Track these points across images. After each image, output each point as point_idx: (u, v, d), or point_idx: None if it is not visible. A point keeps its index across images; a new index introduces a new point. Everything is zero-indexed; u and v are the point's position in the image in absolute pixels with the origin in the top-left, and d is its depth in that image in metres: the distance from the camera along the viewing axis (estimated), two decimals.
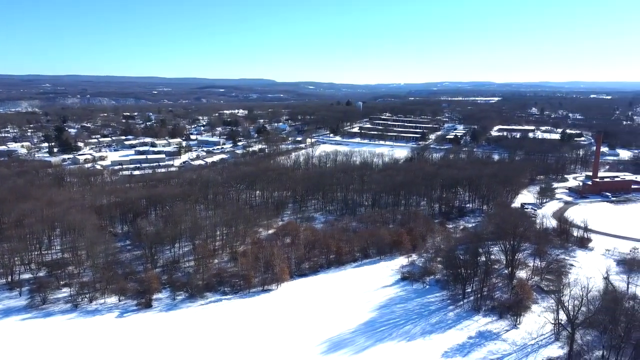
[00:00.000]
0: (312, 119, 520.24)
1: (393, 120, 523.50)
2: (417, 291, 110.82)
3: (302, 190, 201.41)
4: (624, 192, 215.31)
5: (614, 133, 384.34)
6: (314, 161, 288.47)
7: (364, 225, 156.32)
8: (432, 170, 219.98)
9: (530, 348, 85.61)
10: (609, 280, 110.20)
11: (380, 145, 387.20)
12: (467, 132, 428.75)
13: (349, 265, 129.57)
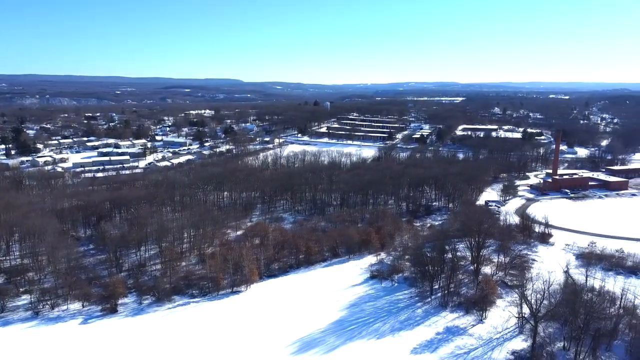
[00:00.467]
0: (280, 119, 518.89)
1: (360, 120, 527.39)
2: (386, 289, 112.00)
3: (271, 191, 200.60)
4: (581, 189, 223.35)
5: (572, 132, 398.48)
6: (282, 161, 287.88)
7: (332, 224, 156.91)
8: (399, 170, 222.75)
9: (496, 342, 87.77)
10: (568, 274, 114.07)
11: (348, 144, 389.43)
12: (432, 131, 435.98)
13: (318, 265, 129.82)
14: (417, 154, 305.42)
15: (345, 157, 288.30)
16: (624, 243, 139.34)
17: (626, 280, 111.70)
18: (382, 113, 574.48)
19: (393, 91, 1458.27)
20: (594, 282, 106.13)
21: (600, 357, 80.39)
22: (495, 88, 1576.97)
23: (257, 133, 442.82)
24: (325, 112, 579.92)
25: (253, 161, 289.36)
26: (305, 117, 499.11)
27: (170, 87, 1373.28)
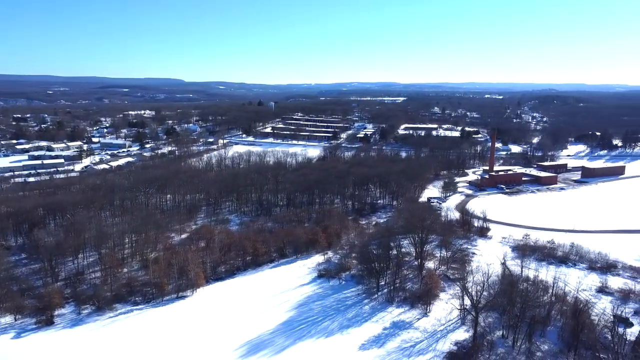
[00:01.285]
0: (224, 119, 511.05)
1: (305, 120, 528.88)
2: (333, 287, 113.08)
3: (216, 193, 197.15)
4: (515, 184, 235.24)
5: (506, 130, 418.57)
6: (227, 162, 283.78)
7: (279, 225, 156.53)
8: (344, 169, 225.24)
9: (440, 334, 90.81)
10: (505, 266, 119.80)
11: (293, 144, 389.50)
12: (376, 130, 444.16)
13: (266, 266, 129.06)
14: (362, 153, 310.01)
15: (291, 157, 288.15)
16: (555, 234, 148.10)
17: (557, 269, 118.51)
18: (327, 113, 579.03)
19: (337, 91, 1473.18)
20: (529, 272, 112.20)
21: (535, 342, 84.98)
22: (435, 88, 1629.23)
23: (201, 134, 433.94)
24: (270, 112, 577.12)
25: (197, 162, 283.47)
26: (250, 118, 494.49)
27: (107, 87, 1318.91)
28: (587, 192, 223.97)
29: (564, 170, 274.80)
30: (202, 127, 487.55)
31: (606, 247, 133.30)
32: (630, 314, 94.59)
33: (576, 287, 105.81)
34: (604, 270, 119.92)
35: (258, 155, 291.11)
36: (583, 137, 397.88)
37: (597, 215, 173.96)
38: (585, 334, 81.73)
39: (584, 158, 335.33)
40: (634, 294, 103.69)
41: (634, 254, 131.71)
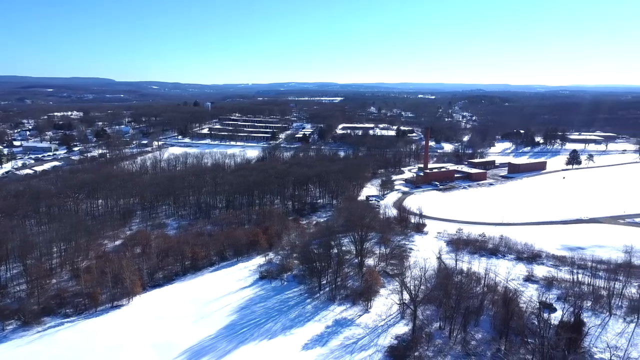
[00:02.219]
0: (158, 120, 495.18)
1: (243, 120, 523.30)
2: (275, 289, 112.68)
3: (151, 196, 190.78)
4: (448, 181, 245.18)
5: (438, 129, 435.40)
6: (162, 165, 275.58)
7: (219, 227, 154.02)
8: (283, 169, 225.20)
9: (381, 329, 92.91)
10: (441, 260, 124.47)
11: (231, 146, 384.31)
12: (314, 130, 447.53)
13: (206, 270, 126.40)
14: (301, 153, 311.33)
15: (229, 158, 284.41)
16: (485, 228, 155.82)
17: (488, 261, 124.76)
18: (265, 113, 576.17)
19: (274, 91, 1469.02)
20: (463, 265, 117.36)
21: (470, 332, 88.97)
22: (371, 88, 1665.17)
23: (134, 136, 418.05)
24: (207, 113, 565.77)
25: (130, 166, 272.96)
26: (186, 118, 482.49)
27: (30, 87, 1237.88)
28: (513, 187, 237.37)
29: (492, 167, 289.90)
30: (135, 128, 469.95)
31: (532, 238, 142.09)
32: (553, 299, 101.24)
33: (506, 277, 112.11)
34: (530, 260, 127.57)
35: (195, 156, 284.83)
36: (508, 134, 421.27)
37: (523, 209, 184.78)
38: (515, 320, 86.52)
39: (510, 155, 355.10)
40: (557, 281, 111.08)
41: (555, 243, 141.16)
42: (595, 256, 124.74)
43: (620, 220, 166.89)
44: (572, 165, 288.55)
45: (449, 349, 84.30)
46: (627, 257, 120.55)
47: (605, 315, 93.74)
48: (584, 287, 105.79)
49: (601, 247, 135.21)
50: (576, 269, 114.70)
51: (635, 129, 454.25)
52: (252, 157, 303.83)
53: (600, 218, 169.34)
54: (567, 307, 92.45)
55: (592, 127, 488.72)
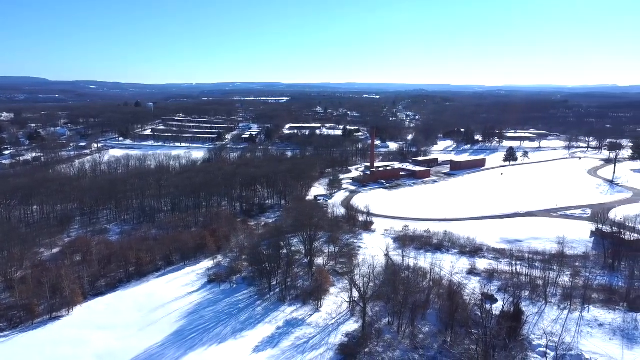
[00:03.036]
0: (97, 121, 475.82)
1: (188, 121, 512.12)
2: (225, 292, 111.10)
3: (91, 201, 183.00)
4: (394, 179, 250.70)
5: (384, 128, 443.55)
6: (103, 168, 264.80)
7: (164, 231, 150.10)
8: (231, 170, 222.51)
9: (332, 327, 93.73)
10: (389, 257, 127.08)
11: (176, 147, 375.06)
12: (261, 130, 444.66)
13: (151, 275, 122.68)
14: (248, 154, 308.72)
15: (174, 160, 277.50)
16: (430, 224, 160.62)
17: (433, 256, 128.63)
18: (210, 113, 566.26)
19: (219, 91, 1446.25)
20: (409, 261, 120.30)
21: (417, 326, 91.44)
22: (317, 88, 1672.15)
23: (71, 138, 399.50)
24: (149, 114, 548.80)
25: (68, 169, 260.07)
26: (127, 119, 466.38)
27: None
28: (455, 184, 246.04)
29: (435, 165, 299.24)
30: (71, 130, 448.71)
31: (473, 232, 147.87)
32: (494, 291, 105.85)
33: (450, 271, 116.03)
34: (473, 253, 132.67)
35: (138, 159, 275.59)
36: (450, 133, 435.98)
37: (465, 204, 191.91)
38: (460, 313, 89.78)
39: (451, 152, 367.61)
40: (497, 273, 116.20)
41: (495, 237, 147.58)
42: (531, 248, 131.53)
43: (553, 213, 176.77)
44: (509, 162, 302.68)
45: (397, 344, 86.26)
46: (560, 248, 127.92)
47: (542, 304, 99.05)
48: (522, 278, 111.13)
49: (537, 239, 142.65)
50: (515, 261, 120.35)
51: (565, 127, 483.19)
52: (198, 159, 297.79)
53: (536, 211, 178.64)
54: (507, 297, 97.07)
55: (527, 125, 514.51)
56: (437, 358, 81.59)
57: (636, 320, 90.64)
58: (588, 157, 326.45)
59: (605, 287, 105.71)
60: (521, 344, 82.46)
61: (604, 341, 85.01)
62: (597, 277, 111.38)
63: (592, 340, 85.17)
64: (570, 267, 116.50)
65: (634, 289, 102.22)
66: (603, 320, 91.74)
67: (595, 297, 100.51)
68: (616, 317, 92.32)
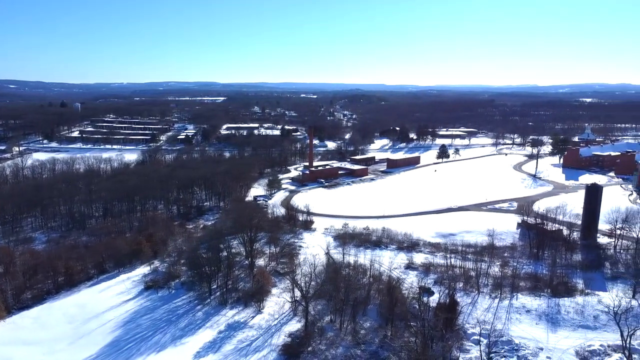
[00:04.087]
0: (19, 123, 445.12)
1: (119, 122, 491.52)
2: (163, 298, 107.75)
3: (13, 208, 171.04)
4: (333, 178, 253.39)
5: (322, 127, 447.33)
6: (26, 173, 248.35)
7: (96, 238, 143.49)
8: (166, 172, 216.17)
9: (274, 328, 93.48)
10: (329, 255, 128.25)
11: (107, 149, 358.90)
12: (197, 131, 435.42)
13: (83, 285, 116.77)
14: (184, 155, 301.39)
15: (105, 163, 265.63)
16: (369, 221, 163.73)
17: (373, 252, 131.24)
18: (143, 114, 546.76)
19: (152, 91, 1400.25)
20: (349, 258, 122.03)
21: (359, 322, 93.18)
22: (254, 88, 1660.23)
23: None
24: (76, 115, 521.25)
25: None
26: (52, 121, 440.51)
27: None
28: (392, 181, 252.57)
29: (372, 163, 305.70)
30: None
31: (410, 228, 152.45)
32: (431, 284, 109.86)
33: (389, 266, 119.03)
34: (410, 249, 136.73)
35: (65, 162, 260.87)
36: (386, 132, 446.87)
37: (402, 201, 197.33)
38: (399, 306, 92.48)
39: (388, 151, 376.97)
40: (433, 266, 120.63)
41: (431, 232, 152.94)
42: (464, 241, 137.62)
43: (483, 207, 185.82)
44: (442, 159, 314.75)
45: (340, 341, 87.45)
46: (490, 240, 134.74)
47: (475, 294, 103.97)
48: (456, 270, 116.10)
49: (469, 232, 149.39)
50: (449, 254, 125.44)
51: (492, 125, 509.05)
52: (131, 161, 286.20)
53: (468, 206, 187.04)
54: (442, 289, 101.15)
55: (457, 124, 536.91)
56: (379, 352, 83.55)
57: (558, 305, 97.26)
58: (513, 153, 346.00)
59: (531, 275, 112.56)
60: (457, 334, 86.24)
61: (531, 326, 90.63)
62: (524, 266, 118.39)
63: (521, 326, 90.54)
64: (499, 258, 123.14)
65: (556, 276, 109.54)
66: (530, 306, 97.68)
67: (522, 285, 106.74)
68: (541, 303, 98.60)
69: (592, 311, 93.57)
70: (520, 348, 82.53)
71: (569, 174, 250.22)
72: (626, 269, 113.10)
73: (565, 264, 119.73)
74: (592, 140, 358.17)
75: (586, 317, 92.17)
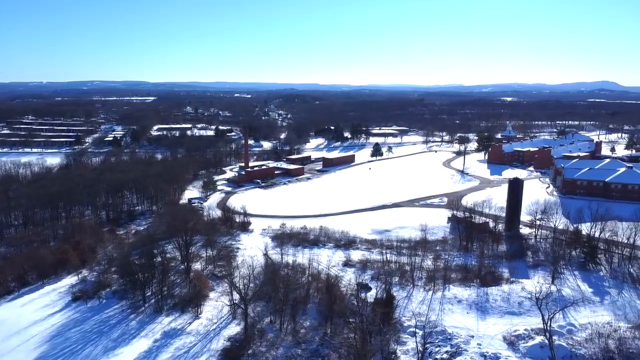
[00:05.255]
0: None
1: (39, 123, 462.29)
2: (93, 309, 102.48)
3: None
4: (270, 178, 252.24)
5: (257, 127, 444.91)
6: None
7: (16, 248, 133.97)
8: (93, 176, 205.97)
9: (213, 333, 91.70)
10: (267, 256, 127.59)
11: (26, 153, 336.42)
12: (126, 132, 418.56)
13: (2, 299, 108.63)
14: (113, 158, 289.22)
15: (24, 167, 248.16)
16: (306, 220, 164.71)
17: (311, 251, 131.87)
18: (66, 115, 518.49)
19: (76, 90, 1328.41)
20: (288, 258, 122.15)
21: (299, 321, 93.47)
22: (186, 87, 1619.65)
23: None
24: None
25: None
26: None
27: None
28: (328, 180, 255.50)
29: (309, 162, 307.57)
30: None
31: (347, 225, 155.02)
32: (368, 280, 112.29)
33: (327, 264, 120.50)
34: (347, 246, 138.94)
35: None
36: (321, 131, 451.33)
37: (338, 199, 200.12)
38: (338, 304, 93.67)
39: (323, 150, 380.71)
40: (370, 262, 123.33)
41: (367, 229, 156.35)
42: (399, 236, 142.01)
43: (416, 203, 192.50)
44: (376, 157, 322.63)
45: (280, 341, 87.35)
46: (423, 235, 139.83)
47: (410, 287, 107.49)
48: (392, 265, 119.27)
49: (403, 228, 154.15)
50: (385, 250, 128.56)
51: (422, 123, 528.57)
52: (54, 165, 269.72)
53: (401, 202, 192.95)
54: (379, 285, 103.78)
55: (390, 122, 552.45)
56: (319, 350, 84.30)
57: (487, 293, 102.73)
58: (442, 151, 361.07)
59: (461, 267, 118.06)
60: (394, 327, 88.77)
61: (462, 315, 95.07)
62: (455, 258, 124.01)
63: (453, 316, 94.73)
64: (432, 252, 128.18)
65: (484, 267, 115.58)
66: (461, 296, 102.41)
67: (454, 276, 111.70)
68: (471, 293, 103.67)
69: (517, 298, 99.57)
70: (453, 337, 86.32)
71: (494, 169, 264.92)
72: (545, 257, 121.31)
73: (492, 254, 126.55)
74: (513, 137, 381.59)
75: (512, 304, 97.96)
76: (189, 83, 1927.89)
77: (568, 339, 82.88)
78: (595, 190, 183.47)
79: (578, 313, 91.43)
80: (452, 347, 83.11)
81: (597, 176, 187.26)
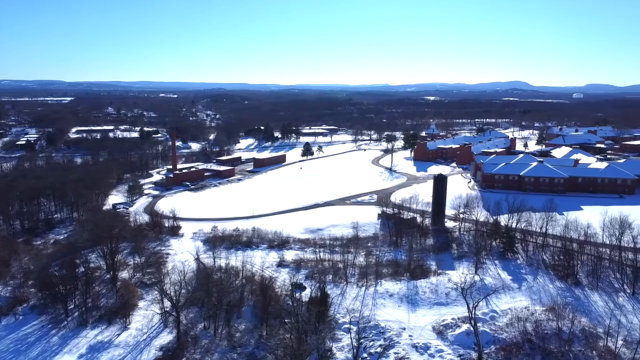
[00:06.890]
0: None
1: None
2: (8, 327, 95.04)
3: None
4: (199, 180, 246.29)
5: (184, 128, 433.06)
6: None
7: None
8: (5, 183, 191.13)
9: (144, 343, 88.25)
10: (199, 260, 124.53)
11: None
12: (41, 136, 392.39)
13: None
14: (26, 163, 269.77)
15: None
16: (239, 222, 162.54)
17: (244, 253, 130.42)
18: None
19: None
20: (221, 262, 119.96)
21: (234, 325, 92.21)
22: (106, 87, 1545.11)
23: None
24: None
25: None
26: None
27: None
28: (260, 180, 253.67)
29: (239, 163, 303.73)
30: None
31: (280, 226, 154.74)
32: (302, 279, 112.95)
33: (261, 266, 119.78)
34: (281, 246, 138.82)
35: None
36: (251, 131, 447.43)
37: (270, 200, 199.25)
38: (273, 305, 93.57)
39: (254, 150, 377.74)
40: (304, 262, 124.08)
41: (300, 228, 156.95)
42: (331, 235, 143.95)
43: (347, 201, 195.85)
44: (307, 156, 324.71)
45: (215, 346, 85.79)
46: (355, 232, 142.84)
47: (344, 284, 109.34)
48: (325, 264, 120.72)
49: (335, 226, 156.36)
50: (318, 249, 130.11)
51: (351, 122, 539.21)
52: None
53: (333, 201, 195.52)
54: (314, 283, 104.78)
55: (319, 122, 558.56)
56: (255, 353, 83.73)
57: (416, 286, 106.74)
58: (371, 149, 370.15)
59: (392, 262, 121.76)
60: (329, 325, 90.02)
61: (394, 309, 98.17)
62: (386, 254, 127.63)
63: (385, 310, 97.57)
64: (364, 248, 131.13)
65: (413, 260, 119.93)
66: (392, 290, 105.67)
67: (385, 271, 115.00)
68: (402, 287, 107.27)
69: (444, 289, 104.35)
70: (386, 331, 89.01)
71: (420, 166, 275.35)
72: (469, 249, 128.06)
73: (420, 248, 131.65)
74: (437, 135, 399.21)
75: (439, 295, 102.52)
76: (109, 82, 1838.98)
77: (491, 325, 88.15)
78: (511, 184, 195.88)
79: (499, 300, 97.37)
80: (386, 341, 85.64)
81: (513, 170, 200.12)
